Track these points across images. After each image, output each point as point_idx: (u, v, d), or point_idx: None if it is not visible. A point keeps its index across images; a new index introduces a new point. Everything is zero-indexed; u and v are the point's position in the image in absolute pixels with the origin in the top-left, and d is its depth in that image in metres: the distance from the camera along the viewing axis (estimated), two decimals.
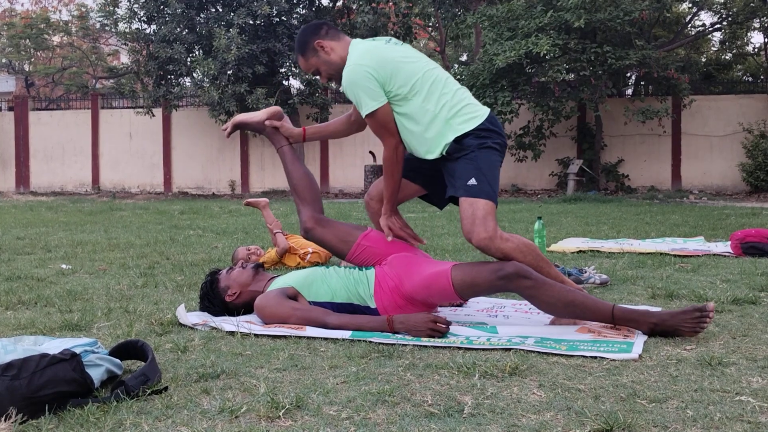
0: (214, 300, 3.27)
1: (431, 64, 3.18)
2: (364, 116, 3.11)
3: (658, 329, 2.75)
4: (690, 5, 18.21)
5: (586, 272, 4.12)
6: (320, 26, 3.20)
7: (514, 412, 1.97)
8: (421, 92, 3.06)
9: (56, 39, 23.80)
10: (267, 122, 3.48)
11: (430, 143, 3.09)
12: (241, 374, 2.34)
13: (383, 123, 3.08)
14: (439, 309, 3.31)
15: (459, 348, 2.64)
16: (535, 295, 2.84)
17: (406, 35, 17.37)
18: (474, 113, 3.08)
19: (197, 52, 16.82)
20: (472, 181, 3.00)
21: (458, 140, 3.04)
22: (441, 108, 3.06)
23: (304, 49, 3.18)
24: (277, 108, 3.54)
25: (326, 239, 3.30)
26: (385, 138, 3.11)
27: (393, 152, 3.11)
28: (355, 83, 3.03)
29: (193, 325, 3.04)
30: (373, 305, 3.05)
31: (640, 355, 2.48)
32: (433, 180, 3.26)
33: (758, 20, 17.31)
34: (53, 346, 2.19)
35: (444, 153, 3.07)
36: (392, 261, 3.12)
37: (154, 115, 17.76)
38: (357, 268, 3.18)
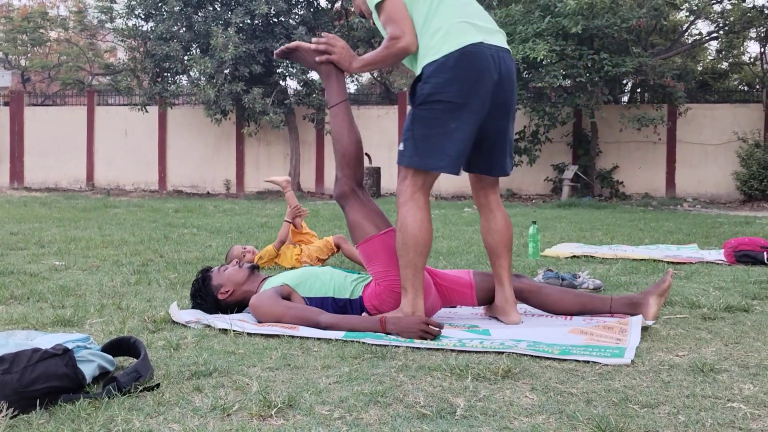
0: (206, 297, 3.28)
1: None
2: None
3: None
4: (687, 14, 18.27)
5: (579, 277, 4.13)
6: None
7: (507, 415, 1.97)
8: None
9: (53, 34, 23.74)
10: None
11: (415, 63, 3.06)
12: (233, 372, 2.34)
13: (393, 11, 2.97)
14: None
15: (452, 350, 2.64)
16: None
17: None
18: (440, 45, 2.93)
19: (194, 51, 16.80)
20: (401, 146, 3.02)
21: (418, 78, 2.99)
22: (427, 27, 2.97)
23: None
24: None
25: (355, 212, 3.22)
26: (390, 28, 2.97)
27: (391, 44, 2.98)
28: None
29: (186, 323, 3.04)
30: (359, 294, 3.12)
31: (632, 361, 2.49)
32: None
33: (755, 30, 17.37)
34: (45, 341, 2.18)
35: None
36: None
37: (147, 111, 17.71)
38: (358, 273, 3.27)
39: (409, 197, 3.00)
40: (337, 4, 18.00)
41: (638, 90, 17.27)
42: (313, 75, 17.43)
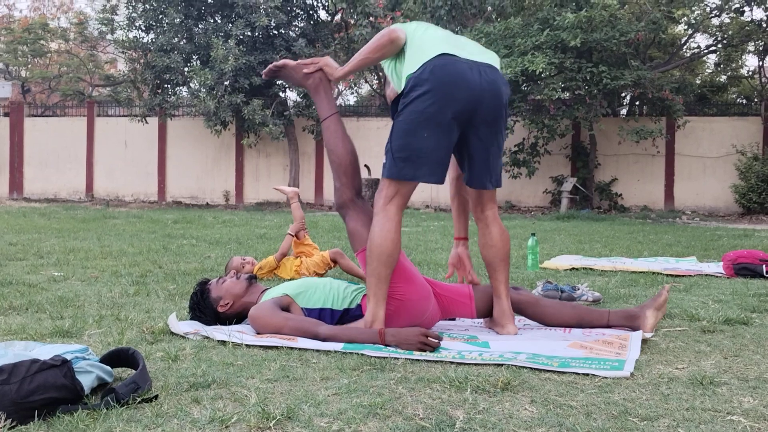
0: (205, 310, 3.27)
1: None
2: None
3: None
4: (686, 27, 18.35)
5: (578, 289, 4.13)
6: None
7: (506, 428, 1.96)
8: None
9: (54, 46, 23.81)
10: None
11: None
12: (232, 384, 2.33)
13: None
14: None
15: (451, 362, 2.64)
16: None
17: None
18: (417, 58, 3.00)
19: (194, 62, 16.85)
20: (384, 160, 3.07)
21: (400, 94, 3.05)
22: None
23: None
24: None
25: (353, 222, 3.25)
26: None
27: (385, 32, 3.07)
28: None
29: (185, 334, 3.03)
30: (357, 303, 3.13)
31: (632, 373, 2.49)
32: None
33: (753, 43, 17.45)
34: (44, 351, 2.18)
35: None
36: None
37: (147, 123, 17.74)
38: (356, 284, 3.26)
39: (380, 208, 3.04)
40: (337, 17, 18.06)
41: (637, 103, 17.33)
42: None
